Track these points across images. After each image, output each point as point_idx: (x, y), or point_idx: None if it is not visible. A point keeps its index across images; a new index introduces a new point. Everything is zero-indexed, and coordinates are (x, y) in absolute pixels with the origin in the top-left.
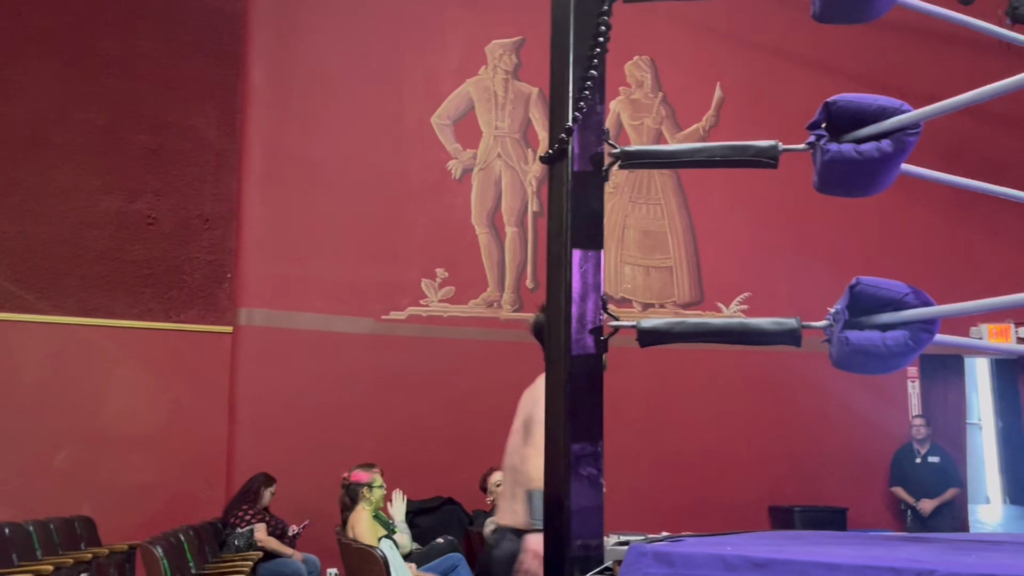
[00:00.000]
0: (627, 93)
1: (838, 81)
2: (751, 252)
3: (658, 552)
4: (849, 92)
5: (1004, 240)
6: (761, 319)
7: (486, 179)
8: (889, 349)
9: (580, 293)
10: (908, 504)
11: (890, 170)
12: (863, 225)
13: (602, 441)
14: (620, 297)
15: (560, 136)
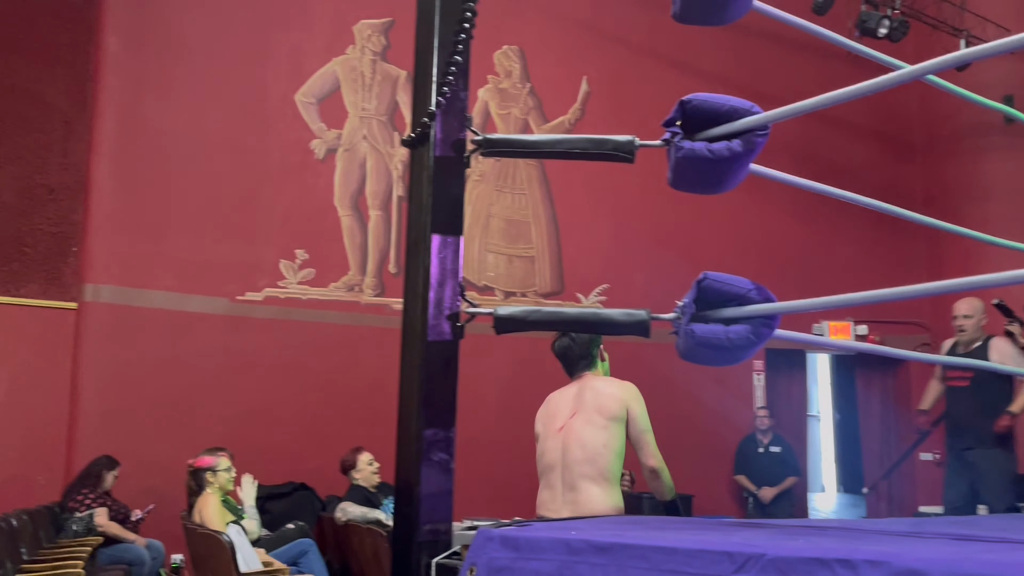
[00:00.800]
0: (495, 82)
1: (699, 81)
2: (611, 245)
3: (505, 537)
4: (709, 92)
5: (847, 242)
6: (613, 310)
7: (350, 161)
8: (732, 342)
9: (438, 279)
10: (750, 491)
11: (740, 169)
12: (717, 223)
13: (455, 427)
14: (483, 285)
15: (422, 120)
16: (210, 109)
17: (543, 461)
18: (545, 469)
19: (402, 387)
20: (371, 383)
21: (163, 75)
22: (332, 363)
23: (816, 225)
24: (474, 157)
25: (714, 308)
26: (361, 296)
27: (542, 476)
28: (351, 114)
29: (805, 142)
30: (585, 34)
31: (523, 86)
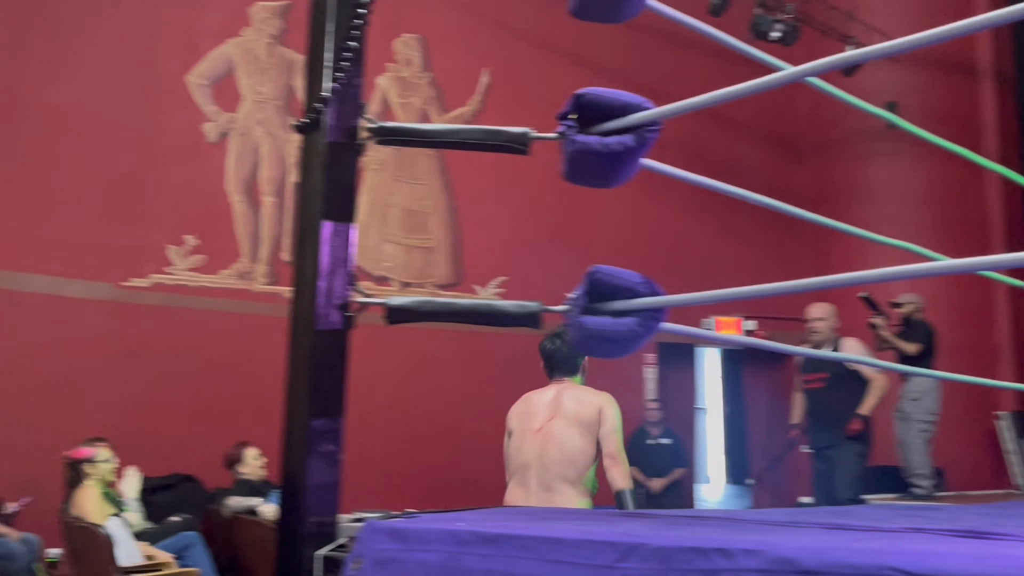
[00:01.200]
0: (395, 70)
1: (599, 77)
2: (510, 237)
3: (392, 528)
4: (607, 88)
5: (737, 241)
6: (506, 302)
7: (244, 145)
8: (620, 334)
9: (329, 267)
10: (640, 483)
11: (632, 163)
12: (615, 218)
13: (344, 418)
14: (380, 275)
15: (315, 106)
16: (97, 87)
17: (517, 459)
18: (519, 468)
19: (289, 377)
20: (263, 373)
21: (47, 49)
22: (222, 352)
23: (709, 223)
24: (373, 146)
25: (604, 301)
26: (253, 284)
27: (514, 474)
28: (245, 98)
29: (700, 141)
30: (486, 26)
31: (423, 76)
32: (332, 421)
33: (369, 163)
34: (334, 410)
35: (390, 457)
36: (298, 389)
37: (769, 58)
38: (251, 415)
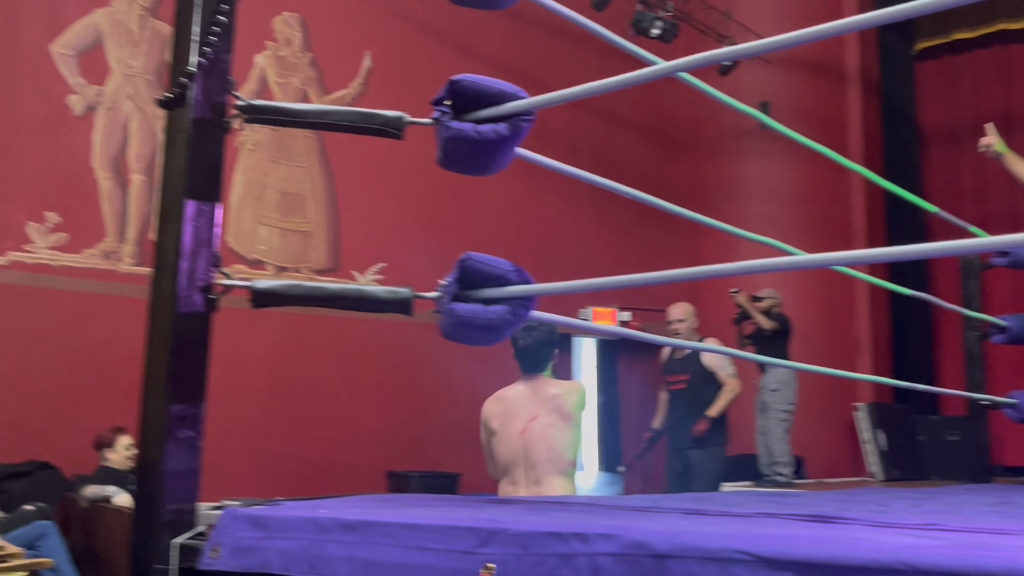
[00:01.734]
0: (275, 49)
1: (482, 66)
2: (390, 224)
3: (252, 516)
4: (491, 77)
5: (614, 234)
6: (376, 287)
7: (112, 120)
8: (491, 322)
9: (191, 248)
10: None
11: (506, 152)
12: (495, 207)
13: (204, 404)
14: (254, 259)
15: (180, 80)
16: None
17: (504, 458)
18: (507, 465)
19: (148, 361)
20: (128, 357)
21: None
22: (85, 335)
23: (588, 215)
24: (251, 126)
25: (475, 288)
26: (119, 265)
27: (503, 473)
28: (115, 71)
29: (581, 135)
30: (370, 9)
31: (303, 56)
32: (192, 406)
33: (245, 143)
34: (195, 395)
35: (264, 445)
36: (156, 373)
37: (647, 54)
38: (115, 401)
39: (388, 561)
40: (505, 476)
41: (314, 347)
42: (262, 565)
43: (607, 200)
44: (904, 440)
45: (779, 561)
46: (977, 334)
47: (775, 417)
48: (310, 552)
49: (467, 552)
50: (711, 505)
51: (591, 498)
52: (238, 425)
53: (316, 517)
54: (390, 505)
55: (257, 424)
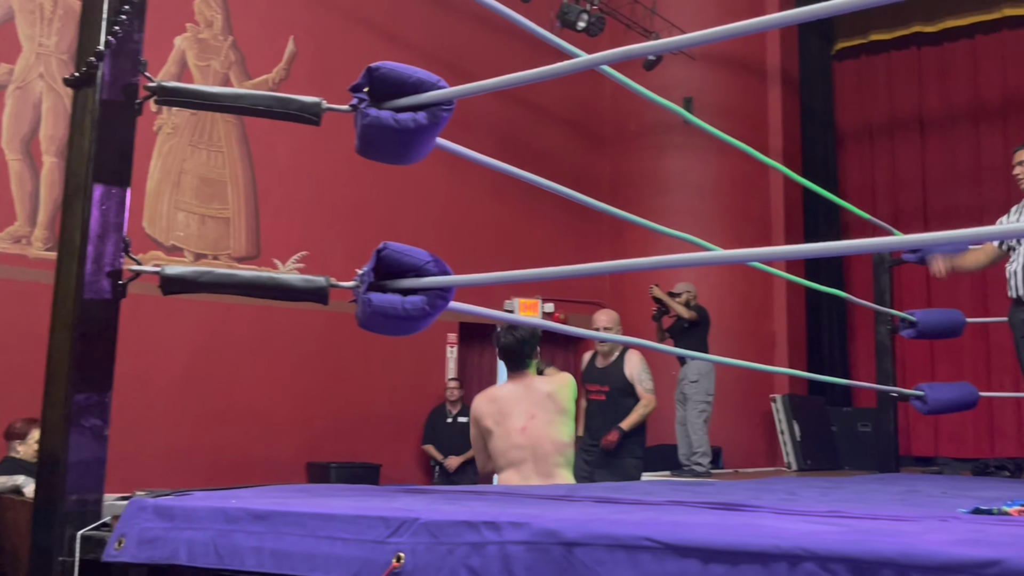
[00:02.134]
0: (195, 31)
1: (408, 54)
2: (312, 212)
3: (159, 506)
4: (417, 67)
5: (539, 225)
6: (292, 275)
7: (23, 100)
8: (407, 312)
9: (99, 232)
10: (437, 461)
11: (425, 141)
12: (419, 198)
13: (111, 392)
14: (171, 245)
15: (89, 60)
16: None
17: (507, 456)
18: (514, 461)
19: (52, 348)
20: (38, 344)
21: None
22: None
23: (512, 207)
24: (168, 109)
25: (393, 278)
26: (29, 249)
27: (508, 466)
28: (26, 49)
29: (508, 127)
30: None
31: (225, 39)
32: (98, 395)
33: (163, 127)
34: (101, 383)
35: (180, 436)
36: (60, 360)
37: (569, 46)
38: (23, 388)
39: (297, 551)
40: (509, 469)
41: (232, 337)
42: (168, 556)
43: (532, 192)
44: (818, 431)
45: (684, 548)
46: (888, 328)
47: (694, 408)
48: (218, 542)
49: (378, 541)
50: (624, 494)
51: (506, 488)
52: (153, 416)
53: (225, 507)
54: (303, 495)
55: (173, 415)
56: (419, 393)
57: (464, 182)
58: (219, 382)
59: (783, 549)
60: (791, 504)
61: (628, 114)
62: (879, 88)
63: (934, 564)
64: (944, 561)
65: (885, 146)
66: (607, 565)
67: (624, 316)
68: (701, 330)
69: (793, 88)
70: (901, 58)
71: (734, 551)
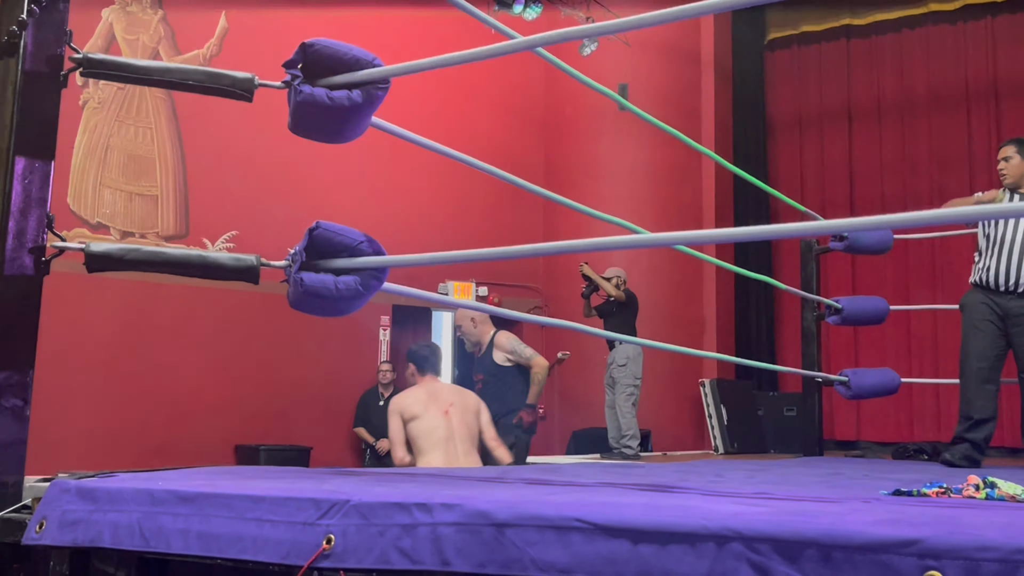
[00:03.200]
0: (123, 4)
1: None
2: (244, 191)
3: (82, 488)
4: (351, 46)
5: (474, 208)
6: (221, 254)
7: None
8: (340, 292)
9: (21, 207)
10: (368, 443)
11: (360, 120)
12: (355, 178)
13: (32, 371)
14: (97, 222)
15: (11, 29)
16: None
17: (434, 435)
18: (438, 441)
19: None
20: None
21: None
22: None
23: (448, 190)
24: (93, 82)
25: (326, 258)
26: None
27: (433, 448)
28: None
29: (441, 107)
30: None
31: (155, 12)
32: (19, 373)
33: (88, 101)
34: (22, 362)
35: (103, 418)
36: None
37: (508, 29)
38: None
39: (225, 533)
40: (436, 450)
41: (158, 316)
42: (91, 539)
43: (467, 176)
44: (745, 415)
45: (614, 528)
46: (814, 315)
47: (622, 391)
48: (143, 525)
49: (308, 524)
50: (556, 476)
51: (438, 469)
52: (75, 397)
53: (151, 489)
54: (231, 477)
55: (96, 396)
56: (351, 375)
57: (399, 163)
58: (144, 362)
59: (711, 530)
60: (718, 486)
61: (563, 99)
62: (810, 79)
63: (857, 543)
64: (866, 541)
65: (815, 136)
66: (538, 546)
67: (557, 299)
68: (629, 313)
69: (726, 77)
70: (831, 50)
71: (663, 531)
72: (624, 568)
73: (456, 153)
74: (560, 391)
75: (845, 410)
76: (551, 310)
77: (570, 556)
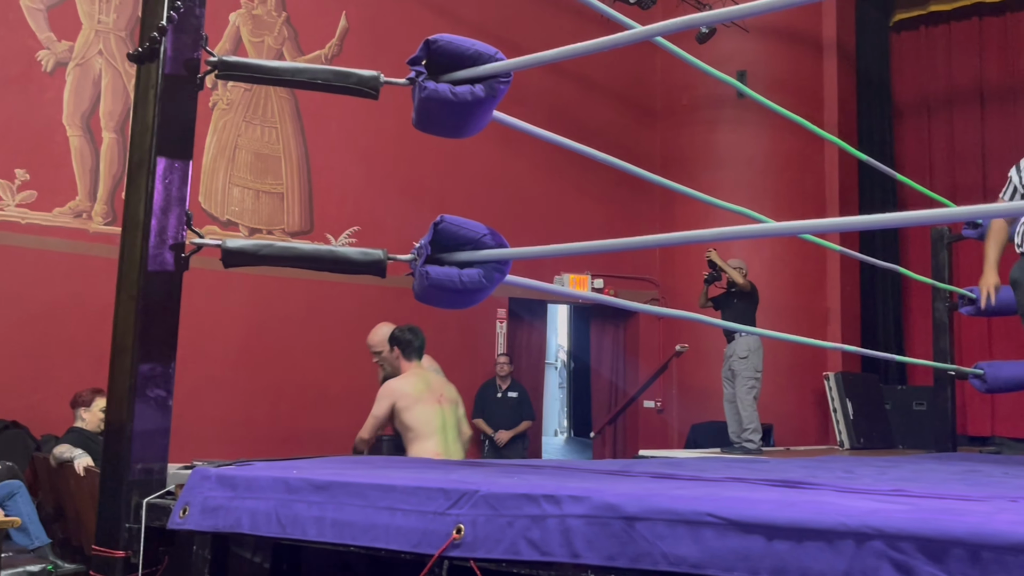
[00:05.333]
0: (249, 8)
1: (458, 28)
2: (364, 186)
3: (221, 476)
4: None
5: (589, 199)
6: (350, 248)
7: (83, 77)
8: (464, 285)
9: (162, 206)
10: (487, 435)
11: (482, 114)
12: (470, 171)
13: (174, 363)
14: (226, 220)
15: (151, 35)
16: None
17: (432, 423)
18: (436, 429)
19: (117, 319)
20: (98, 317)
21: None
22: (54, 294)
23: (564, 181)
24: (222, 84)
25: (450, 251)
26: (90, 224)
27: (433, 434)
28: (85, 26)
29: (558, 100)
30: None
31: (279, 15)
32: (162, 366)
33: (217, 102)
34: (165, 355)
35: (233, 407)
36: (126, 332)
37: (623, 17)
38: (83, 360)
39: (358, 521)
40: (432, 438)
41: (286, 310)
42: (231, 525)
43: (583, 165)
44: (871, 409)
45: (747, 524)
46: (946, 305)
47: (744, 384)
48: (279, 512)
49: (438, 513)
50: (681, 470)
51: (560, 462)
52: (207, 387)
53: (286, 477)
54: (361, 466)
55: (227, 386)
56: (469, 368)
57: (515, 156)
58: (274, 354)
59: (850, 527)
60: (851, 482)
61: (680, 87)
62: (938, 60)
63: (1008, 544)
64: (1018, 541)
65: (944, 120)
66: (668, 540)
67: (674, 291)
68: (750, 304)
69: (849, 61)
70: (961, 29)
71: (799, 528)
72: (758, 564)
73: (573, 143)
74: (678, 384)
75: (978, 404)
76: (668, 302)
77: (701, 551)
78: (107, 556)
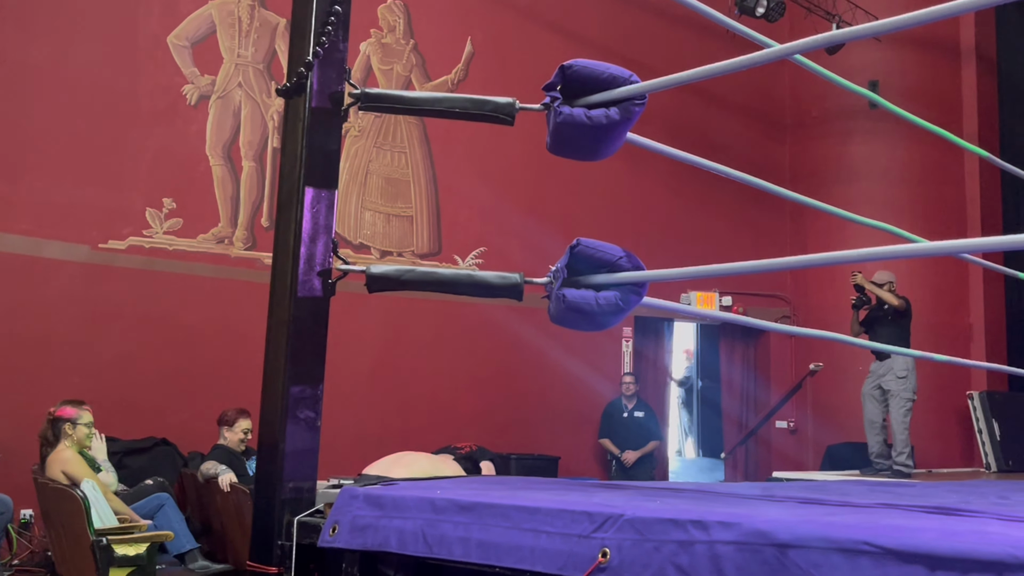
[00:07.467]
0: (378, 36)
1: (583, 49)
2: (490, 209)
3: (369, 495)
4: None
5: (716, 216)
6: (488, 272)
7: (224, 108)
8: (601, 308)
9: (310, 233)
10: (614, 454)
11: (617, 137)
12: (594, 191)
13: (322, 385)
14: (359, 243)
15: (299, 70)
16: (75, 44)
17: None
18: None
19: (269, 343)
20: (239, 339)
21: (25, 7)
22: (199, 317)
23: (688, 198)
24: (353, 111)
25: (586, 274)
26: (231, 249)
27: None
28: (226, 60)
29: (681, 116)
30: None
31: (407, 42)
32: (311, 388)
33: (349, 129)
34: (313, 376)
35: (366, 424)
36: (277, 355)
37: (754, 34)
38: (225, 380)
39: (503, 543)
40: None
41: (415, 331)
42: (379, 543)
43: (709, 182)
44: (1020, 430)
45: (907, 553)
46: None
47: (901, 405)
48: (426, 532)
49: (583, 536)
50: (827, 495)
51: (700, 485)
52: (345, 405)
53: (432, 498)
54: (501, 487)
55: (361, 405)
56: (595, 387)
57: (640, 174)
58: (404, 373)
59: (1020, 559)
60: (1010, 510)
61: (809, 100)
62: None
63: None
64: None
65: None
66: (823, 568)
67: (806, 308)
68: (906, 321)
69: (990, 67)
70: None
71: (963, 559)
72: None
73: (701, 160)
74: (813, 405)
75: None
76: (799, 319)
77: None
78: (261, 572)
